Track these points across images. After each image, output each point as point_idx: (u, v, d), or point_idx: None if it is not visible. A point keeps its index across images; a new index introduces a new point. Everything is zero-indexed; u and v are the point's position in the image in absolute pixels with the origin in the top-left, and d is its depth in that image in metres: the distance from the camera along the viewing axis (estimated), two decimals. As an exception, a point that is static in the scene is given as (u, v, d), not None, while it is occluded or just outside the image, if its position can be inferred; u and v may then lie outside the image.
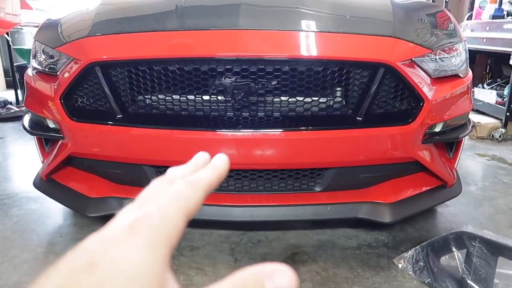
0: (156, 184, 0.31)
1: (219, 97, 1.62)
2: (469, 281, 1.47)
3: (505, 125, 3.72)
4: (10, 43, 5.02)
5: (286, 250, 1.85)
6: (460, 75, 1.77)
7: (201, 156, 0.35)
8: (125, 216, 0.26)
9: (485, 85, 4.30)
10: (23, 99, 4.77)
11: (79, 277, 0.22)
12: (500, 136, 3.67)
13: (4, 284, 1.58)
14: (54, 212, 2.17)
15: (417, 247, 1.71)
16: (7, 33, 4.85)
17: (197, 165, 0.34)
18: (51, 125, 1.75)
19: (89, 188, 1.79)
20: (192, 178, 0.31)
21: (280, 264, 0.25)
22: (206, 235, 1.94)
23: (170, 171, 0.33)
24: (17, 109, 4.47)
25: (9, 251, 1.81)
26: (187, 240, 1.89)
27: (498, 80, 4.33)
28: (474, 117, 3.70)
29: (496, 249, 1.44)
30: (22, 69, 4.66)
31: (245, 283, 0.24)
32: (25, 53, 4.92)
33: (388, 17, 1.68)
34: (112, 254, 0.23)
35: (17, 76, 4.94)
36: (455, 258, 1.56)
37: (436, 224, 2.13)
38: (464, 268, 1.51)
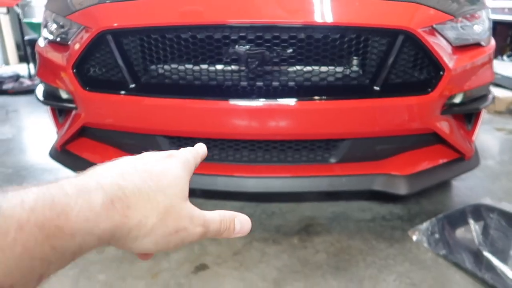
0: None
1: (233, 66, 1.58)
2: (485, 253, 1.45)
3: (524, 99, 3.61)
4: (21, 16, 4.99)
5: (300, 221, 1.84)
6: (483, 43, 1.70)
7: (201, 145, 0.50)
8: (161, 152, 0.41)
9: (504, 57, 4.17)
10: (35, 73, 4.79)
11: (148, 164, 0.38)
12: (518, 110, 3.57)
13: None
14: (69, 183, 2.20)
15: (433, 219, 1.69)
16: (17, 5, 4.82)
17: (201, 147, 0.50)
18: (64, 95, 1.74)
19: (103, 158, 1.76)
20: (196, 148, 0.48)
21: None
22: (220, 207, 1.94)
23: None
24: (29, 83, 4.49)
25: (26, 220, 1.84)
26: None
27: (519, 52, 4.20)
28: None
29: (515, 221, 1.42)
30: (33, 42, 4.65)
31: (226, 217, 0.41)
32: (35, 27, 4.90)
33: (409, -18, 1.60)
34: (162, 163, 0.39)
35: (28, 50, 4.94)
36: (471, 230, 1.54)
37: (452, 197, 2.10)
38: (480, 240, 1.49)
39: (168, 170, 0.38)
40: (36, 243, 0.27)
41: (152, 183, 0.36)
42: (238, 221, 0.42)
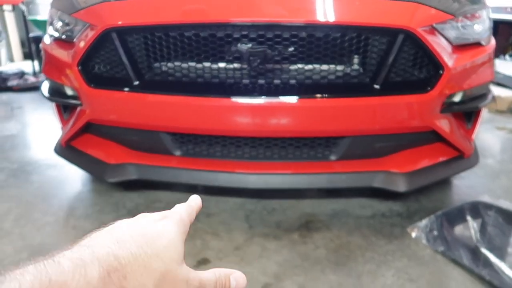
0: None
1: (235, 64, 1.61)
2: (483, 250, 1.48)
3: (526, 98, 3.62)
4: (26, 13, 5.03)
5: (300, 218, 1.87)
6: (483, 43, 1.72)
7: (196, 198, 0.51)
8: (155, 214, 0.42)
9: (507, 57, 4.17)
10: (39, 70, 4.82)
11: (143, 226, 0.39)
12: (520, 110, 3.58)
13: (29, 244, 1.65)
14: (73, 179, 2.23)
15: (431, 216, 1.71)
16: (22, 3, 4.85)
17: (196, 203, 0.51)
18: (69, 92, 1.77)
19: (107, 155, 1.83)
20: (189, 203, 0.48)
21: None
22: (222, 202, 1.97)
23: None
24: (34, 80, 4.52)
25: (32, 214, 1.87)
26: (203, 207, 1.92)
27: (521, 51, 4.20)
28: (493, 90, 3.61)
29: (512, 219, 1.44)
30: (38, 39, 4.69)
31: (221, 276, 0.42)
32: (40, 24, 4.93)
33: (409, -19, 1.62)
34: (156, 227, 0.39)
35: (33, 47, 4.97)
36: (470, 228, 1.56)
37: (452, 195, 2.12)
38: (478, 237, 1.51)
39: (163, 233, 0.39)
40: None
41: (148, 248, 0.36)
42: (233, 278, 0.43)
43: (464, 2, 1.68)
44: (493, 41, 1.82)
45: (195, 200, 0.50)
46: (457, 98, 1.68)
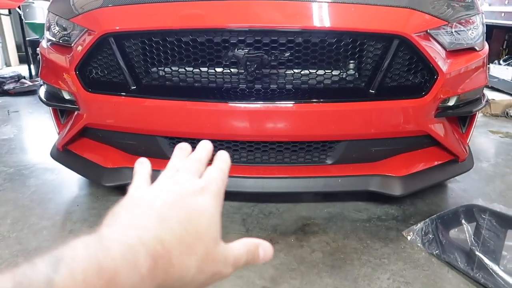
0: (189, 161, 0.45)
1: (232, 69, 1.62)
2: (477, 253, 1.49)
3: (520, 102, 3.65)
4: (22, 17, 5.03)
5: (297, 221, 1.88)
6: (476, 48, 1.74)
7: (207, 145, 0.49)
8: (194, 183, 0.40)
9: (501, 61, 4.21)
10: (36, 74, 4.82)
11: (183, 199, 0.37)
12: (514, 114, 3.61)
13: (25, 249, 1.65)
14: (70, 183, 2.23)
15: (427, 220, 1.73)
16: (19, 7, 4.85)
17: (207, 150, 0.48)
18: (67, 96, 1.77)
19: (104, 159, 1.83)
20: (220, 166, 0.45)
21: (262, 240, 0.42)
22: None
23: (193, 155, 0.47)
24: (30, 83, 4.52)
25: (28, 218, 1.87)
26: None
27: (515, 56, 4.24)
28: (488, 94, 3.63)
29: (506, 222, 1.45)
30: (34, 43, 4.69)
31: (251, 248, 0.41)
32: (37, 28, 4.94)
33: (404, -12, 1.64)
34: (197, 201, 0.38)
35: (29, 50, 4.97)
36: (464, 231, 1.58)
37: (447, 198, 2.14)
38: (473, 240, 1.52)
39: (204, 211, 0.38)
40: None
41: (191, 229, 0.35)
42: (262, 249, 0.42)
43: (458, 8, 1.71)
44: (486, 47, 1.85)
45: (226, 161, 0.47)
46: (451, 102, 1.70)
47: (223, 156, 0.47)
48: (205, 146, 0.48)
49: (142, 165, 0.45)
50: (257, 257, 0.41)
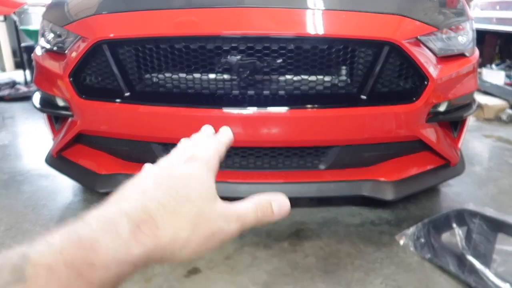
0: (193, 138, 0.47)
1: (225, 75, 1.64)
2: (468, 257, 1.50)
3: (512, 107, 3.69)
4: (17, 23, 5.03)
5: (291, 226, 1.89)
6: (467, 54, 1.77)
7: (208, 127, 0.50)
8: (184, 153, 0.42)
9: (493, 66, 4.25)
10: (31, 80, 4.82)
11: (173, 168, 0.39)
12: (507, 118, 3.65)
13: (19, 256, 1.64)
14: (65, 189, 2.23)
15: (419, 224, 1.74)
16: (14, 13, 4.86)
17: (223, 133, 0.48)
18: (61, 103, 1.78)
19: (98, 165, 1.84)
20: (218, 138, 0.46)
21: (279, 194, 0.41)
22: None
23: (193, 135, 0.49)
24: (25, 89, 4.52)
25: (22, 225, 1.87)
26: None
27: (507, 61, 4.28)
28: (481, 99, 3.67)
29: (496, 226, 1.47)
30: (30, 49, 4.69)
31: (261, 203, 0.40)
32: (32, 34, 4.94)
33: (394, -5, 1.67)
34: (183, 169, 0.39)
35: (24, 56, 4.97)
36: (456, 235, 1.59)
37: (439, 203, 2.16)
38: (464, 244, 1.54)
39: (191, 175, 0.38)
40: (70, 282, 0.27)
41: (176, 194, 0.35)
42: (276, 204, 0.40)
43: (448, 15, 1.73)
44: (476, 52, 1.87)
45: (226, 134, 0.48)
46: (442, 108, 1.72)
47: (224, 130, 0.49)
48: (225, 129, 0.49)
49: None
50: (270, 213, 0.40)
